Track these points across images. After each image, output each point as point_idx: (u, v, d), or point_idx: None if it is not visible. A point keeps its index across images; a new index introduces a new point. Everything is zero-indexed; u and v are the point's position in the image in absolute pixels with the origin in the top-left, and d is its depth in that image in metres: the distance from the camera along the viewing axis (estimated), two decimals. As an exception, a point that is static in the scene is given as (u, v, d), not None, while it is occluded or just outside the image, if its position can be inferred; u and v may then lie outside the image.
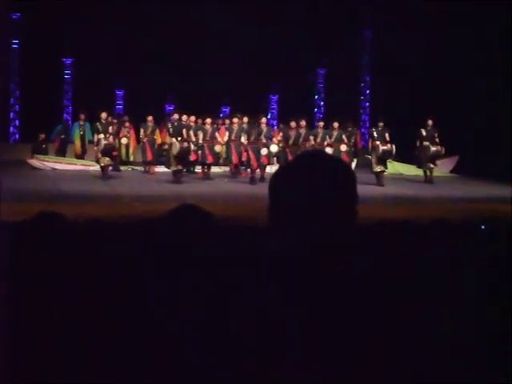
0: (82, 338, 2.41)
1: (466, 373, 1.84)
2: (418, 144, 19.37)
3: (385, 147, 18.81)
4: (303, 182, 1.90)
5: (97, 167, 19.15)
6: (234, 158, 19.24)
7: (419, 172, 20.03)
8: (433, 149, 19.02)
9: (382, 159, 18.87)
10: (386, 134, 19.00)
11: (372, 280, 1.87)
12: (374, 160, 18.83)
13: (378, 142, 18.97)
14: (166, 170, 19.08)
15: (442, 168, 20.95)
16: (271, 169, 20.31)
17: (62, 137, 21.90)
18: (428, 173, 19.39)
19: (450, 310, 2.00)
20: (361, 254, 1.91)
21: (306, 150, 17.12)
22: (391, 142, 18.92)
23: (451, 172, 21.72)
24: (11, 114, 24.94)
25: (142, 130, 20.46)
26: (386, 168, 19.02)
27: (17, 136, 25.07)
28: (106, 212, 10.89)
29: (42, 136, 21.76)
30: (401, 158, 20.57)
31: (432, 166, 19.28)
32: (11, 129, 24.99)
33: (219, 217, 3.23)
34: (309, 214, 1.86)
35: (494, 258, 3.62)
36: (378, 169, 18.64)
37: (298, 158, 2.04)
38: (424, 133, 19.20)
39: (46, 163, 20.82)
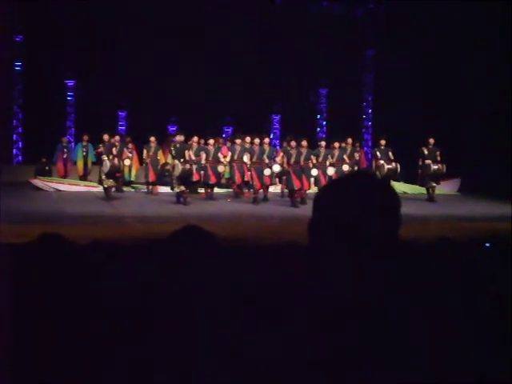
0: (85, 360, 2.39)
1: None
2: (419, 163, 19.39)
3: (389, 166, 18.85)
4: (348, 201, 1.89)
5: (100, 188, 19.17)
6: (237, 179, 19.24)
7: (422, 190, 20.02)
8: (434, 167, 19.04)
9: (387, 178, 18.89)
10: (389, 153, 19.06)
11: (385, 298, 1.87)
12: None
13: (382, 162, 19.00)
14: (169, 190, 19.08)
15: (445, 189, 20.99)
16: (274, 189, 20.36)
17: (65, 156, 21.93)
18: (430, 191, 19.41)
19: (457, 325, 2.00)
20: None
21: (353, 170, 17.14)
22: (395, 160, 18.96)
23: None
24: (14, 135, 25.00)
25: (144, 151, 20.48)
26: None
27: (20, 158, 25.12)
28: (108, 233, 10.88)
29: (44, 160, 21.82)
30: (403, 176, 20.60)
31: (434, 184, 19.31)
32: (14, 151, 25.04)
33: (222, 237, 3.22)
34: (352, 235, 1.84)
35: (499, 274, 3.60)
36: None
37: (346, 177, 2.02)
38: (426, 151, 19.23)
39: (49, 184, 20.85)
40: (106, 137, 19.32)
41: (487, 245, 5.35)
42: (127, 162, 20.09)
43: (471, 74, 20.56)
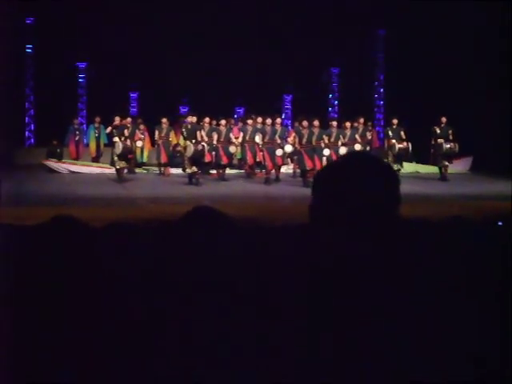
0: (97, 343, 2.40)
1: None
2: (432, 142, 19.34)
3: (401, 145, 18.81)
4: (348, 182, 1.90)
5: (112, 170, 19.21)
6: (249, 159, 19.24)
7: (435, 169, 19.97)
8: (446, 146, 18.99)
9: (399, 158, 18.87)
10: (402, 132, 19.00)
11: (390, 276, 1.87)
12: (390, 159, 18.81)
13: (393, 141, 18.95)
14: (180, 171, 19.09)
15: (458, 168, 20.94)
16: (286, 169, 20.34)
17: (77, 138, 21.95)
18: (443, 170, 19.35)
19: (468, 304, 2.00)
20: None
21: (351, 151, 17.11)
22: (407, 140, 18.91)
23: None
24: (26, 118, 25.05)
25: (156, 132, 20.48)
26: (402, 167, 19.02)
27: (32, 140, 25.18)
28: (121, 214, 10.91)
29: (55, 142, 21.84)
30: (416, 156, 20.56)
31: (447, 163, 19.25)
32: (26, 133, 25.10)
33: (235, 218, 3.22)
34: (352, 214, 1.85)
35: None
36: (395, 167, 18.61)
37: (344, 158, 2.03)
38: (438, 130, 19.18)
39: (62, 165, 20.92)
40: (117, 119, 19.36)
41: (500, 223, 5.33)
42: (139, 144, 20.13)
43: (484, 52, 20.45)
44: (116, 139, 18.53)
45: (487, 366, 1.86)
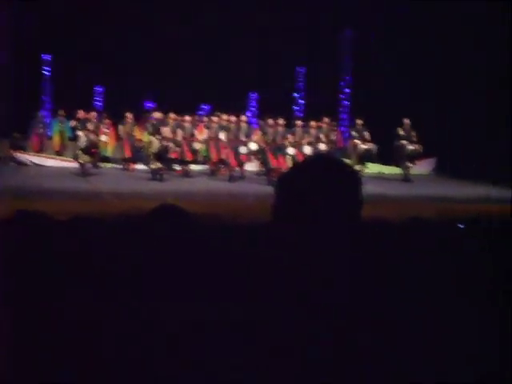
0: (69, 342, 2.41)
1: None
2: (395, 143, 19.49)
3: (365, 146, 18.93)
4: (311, 183, 1.94)
5: (76, 164, 19.08)
6: (213, 156, 19.24)
7: (398, 170, 20.12)
8: (410, 148, 19.17)
9: (363, 158, 18.99)
10: (366, 133, 19.12)
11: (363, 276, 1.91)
12: (354, 159, 18.93)
13: (358, 141, 19.07)
14: (144, 167, 19.03)
15: (420, 169, 21.14)
16: (251, 167, 20.36)
17: (40, 131, 21.77)
18: (405, 171, 19.53)
19: (432, 304, 2.04)
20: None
21: (316, 153, 17.17)
22: (371, 140, 19.03)
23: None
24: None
25: (120, 127, 20.40)
26: (366, 167, 19.13)
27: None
28: (86, 208, 10.87)
29: (16, 135, 21.61)
30: (380, 157, 20.70)
31: (409, 164, 19.43)
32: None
33: (199, 215, 3.25)
34: (315, 215, 1.89)
35: (474, 255, 3.66)
36: (358, 168, 18.72)
37: (308, 160, 2.07)
38: (401, 132, 19.34)
39: (26, 156, 20.76)
40: (81, 112, 19.24)
41: (461, 226, 5.41)
42: (104, 138, 20.02)
43: (449, 53, 20.66)
44: (80, 133, 18.42)
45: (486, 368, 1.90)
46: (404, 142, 19.22)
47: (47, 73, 25.21)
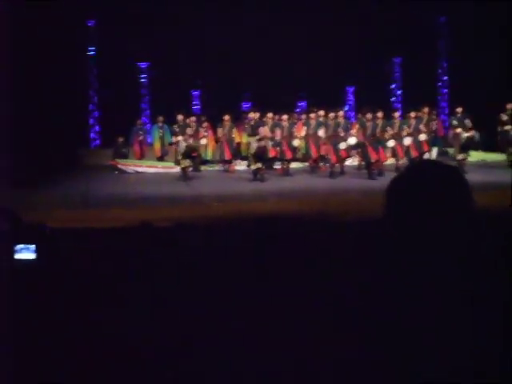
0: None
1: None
2: (498, 129, 19.01)
3: (467, 134, 18.52)
4: (420, 190, 1.93)
5: (177, 169, 19.35)
6: (313, 153, 19.18)
7: (502, 157, 19.63)
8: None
9: (465, 147, 18.60)
10: (467, 121, 18.68)
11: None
12: (456, 148, 18.58)
13: (459, 130, 18.68)
14: (245, 167, 19.12)
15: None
16: (351, 162, 20.20)
17: (141, 138, 22.15)
18: (510, 157, 19.02)
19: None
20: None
21: (422, 160, 16.97)
22: (473, 128, 18.61)
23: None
24: (91, 119, 25.37)
25: (219, 130, 20.56)
26: (469, 155, 18.74)
27: (97, 141, 25.48)
28: (188, 213, 10.97)
29: (121, 139, 22.02)
30: (483, 144, 20.24)
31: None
32: (92, 134, 25.42)
33: (302, 212, 3.20)
34: (427, 221, 1.86)
35: None
36: (461, 156, 18.38)
37: (415, 167, 2.06)
38: (504, 117, 18.86)
39: (128, 166, 21.13)
40: (180, 117, 19.49)
41: None
42: (203, 141, 20.24)
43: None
44: (179, 138, 18.68)
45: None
46: (508, 127, 18.72)
47: (144, 80, 25.66)
